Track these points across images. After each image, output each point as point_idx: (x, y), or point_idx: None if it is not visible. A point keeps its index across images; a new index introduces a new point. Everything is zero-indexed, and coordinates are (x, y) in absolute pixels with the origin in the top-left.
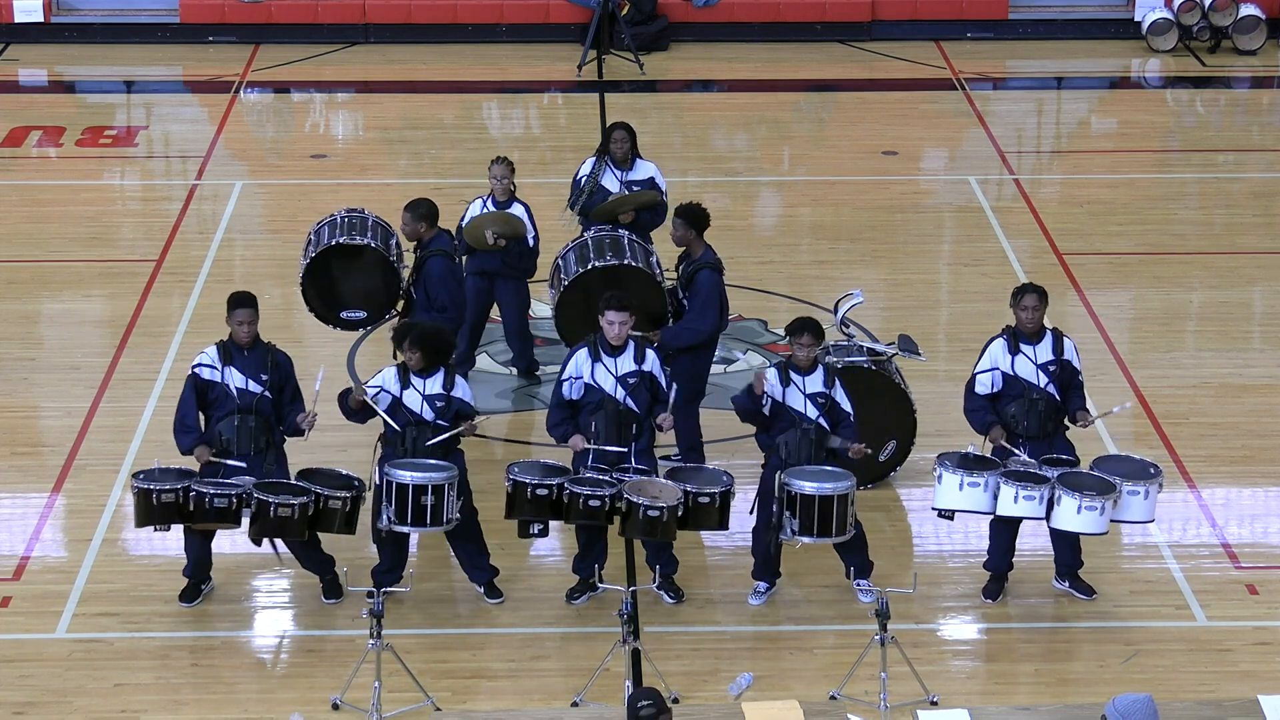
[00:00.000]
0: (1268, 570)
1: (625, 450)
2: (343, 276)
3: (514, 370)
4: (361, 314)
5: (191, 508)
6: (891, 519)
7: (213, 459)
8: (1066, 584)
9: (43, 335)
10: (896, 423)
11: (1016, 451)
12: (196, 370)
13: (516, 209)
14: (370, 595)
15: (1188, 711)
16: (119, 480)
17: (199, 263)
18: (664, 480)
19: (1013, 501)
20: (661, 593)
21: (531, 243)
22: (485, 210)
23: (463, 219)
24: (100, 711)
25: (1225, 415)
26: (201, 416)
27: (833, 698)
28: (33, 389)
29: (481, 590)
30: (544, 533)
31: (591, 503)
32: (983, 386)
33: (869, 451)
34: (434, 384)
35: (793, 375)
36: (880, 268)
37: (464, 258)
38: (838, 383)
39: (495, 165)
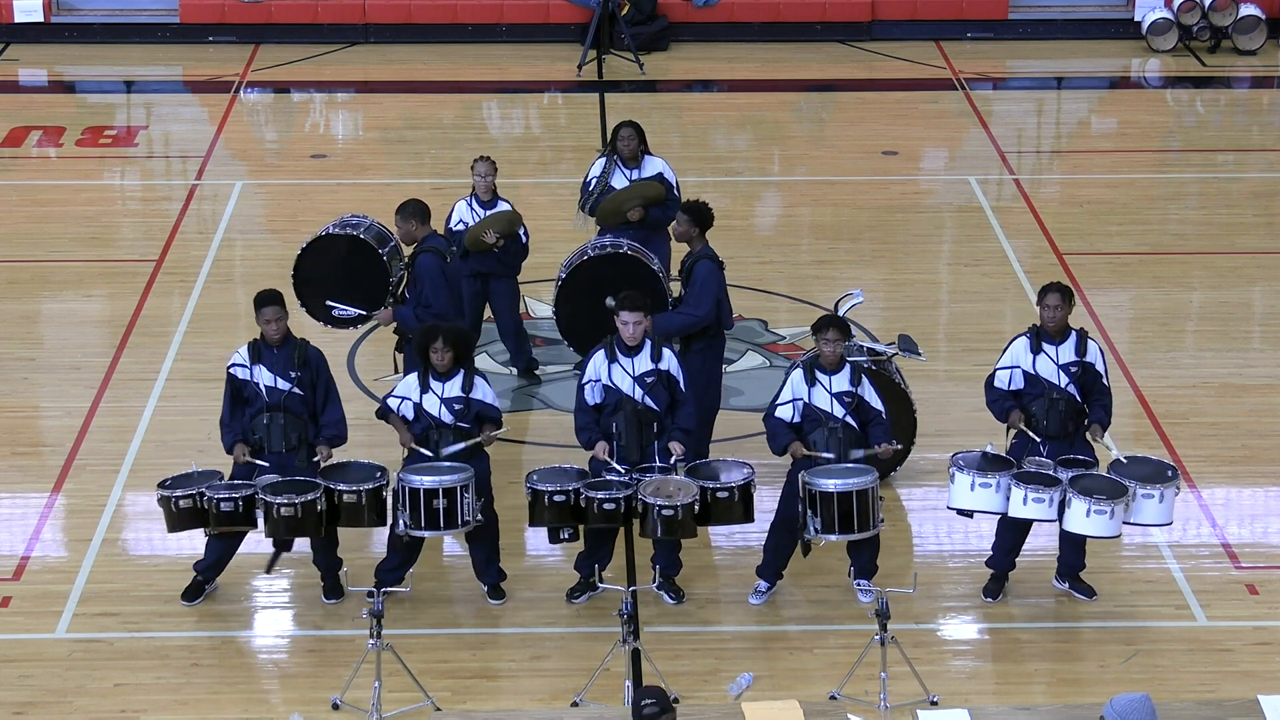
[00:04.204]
0: (1268, 570)
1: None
2: (334, 272)
3: (514, 370)
4: (350, 311)
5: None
6: (891, 519)
7: (248, 459)
8: (1066, 584)
9: (43, 335)
10: (897, 423)
11: (1034, 437)
12: (231, 370)
13: (503, 206)
14: (370, 595)
15: (1188, 711)
16: (119, 480)
17: (199, 263)
18: (681, 478)
19: (1022, 504)
20: (662, 593)
21: (524, 239)
22: (472, 209)
23: (448, 219)
24: (100, 711)
25: (1225, 415)
26: None
27: (833, 698)
28: (33, 389)
29: (485, 591)
30: (574, 537)
31: (607, 506)
32: (1001, 382)
33: (899, 448)
34: (453, 387)
35: (818, 374)
36: (880, 268)
37: (452, 258)
38: (865, 380)
39: (479, 163)
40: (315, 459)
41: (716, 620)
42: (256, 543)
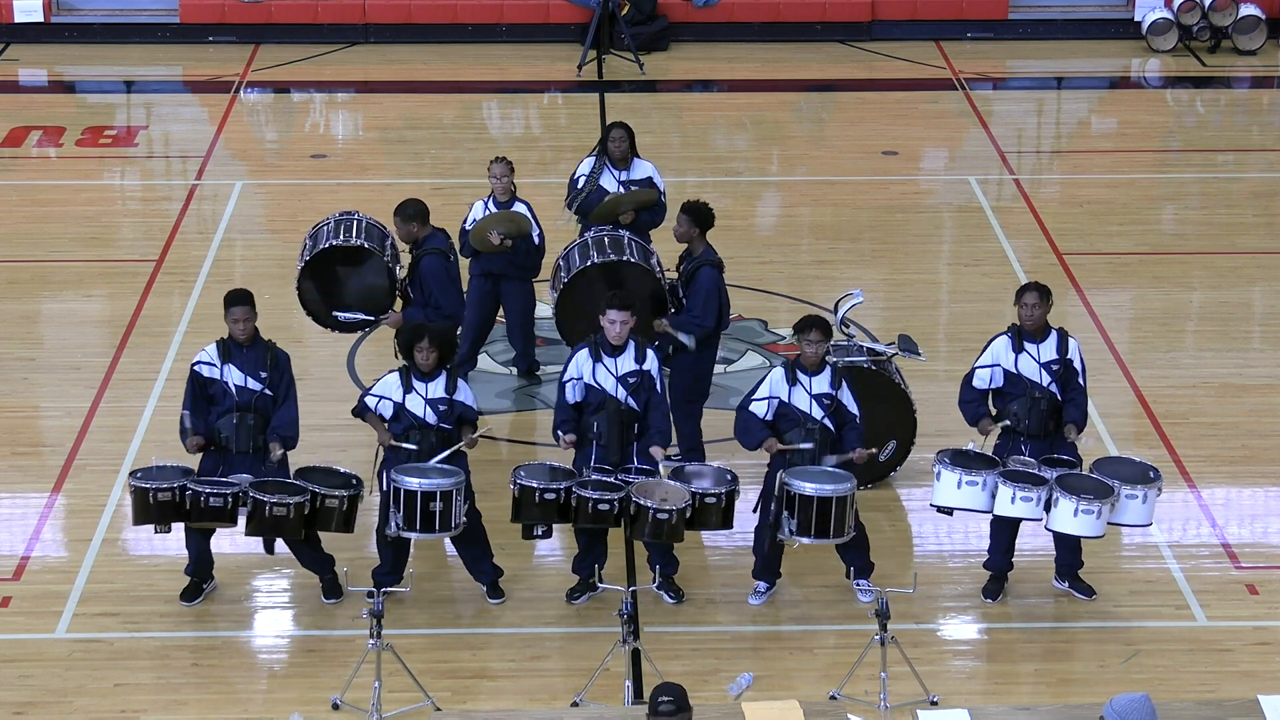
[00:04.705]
0: (1268, 570)
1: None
2: (338, 279)
3: (514, 370)
4: (358, 316)
5: (188, 507)
6: (891, 519)
7: (210, 449)
8: (1066, 584)
9: (43, 335)
10: (896, 423)
11: (1017, 441)
12: (196, 368)
13: (519, 208)
14: (370, 595)
15: (1188, 711)
16: (119, 480)
17: (199, 263)
18: (670, 481)
19: (1009, 502)
20: (661, 593)
21: (537, 240)
22: (488, 210)
23: (465, 220)
24: (100, 711)
25: (1225, 415)
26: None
27: (833, 698)
28: (33, 389)
29: (485, 590)
30: (547, 534)
31: (600, 506)
32: (980, 381)
33: (874, 452)
34: (436, 387)
35: (799, 375)
36: (880, 268)
37: (467, 259)
38: (845, 384)
39: (495, 164)
40: (270, 457)
41: (716, 620)
42: (254, 544)
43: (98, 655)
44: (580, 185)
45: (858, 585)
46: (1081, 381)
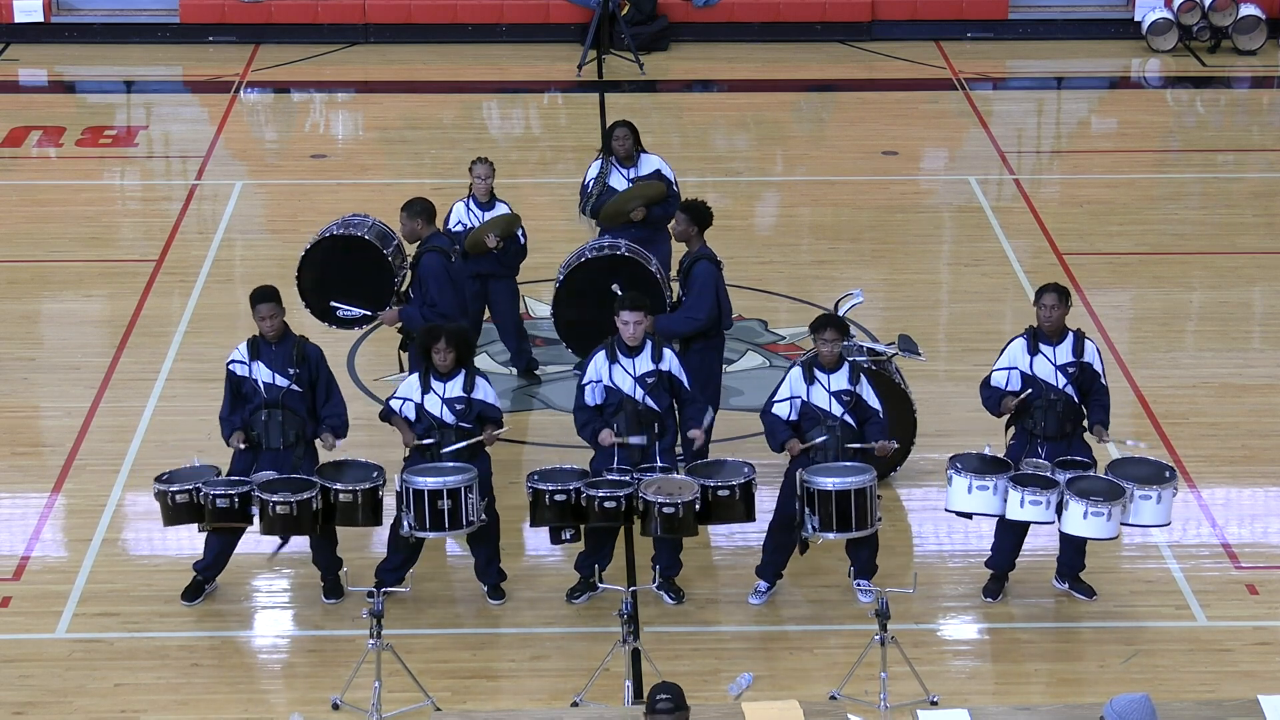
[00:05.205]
0: (1268, 570)
1: (644, 443)
2: (338, 273)
3: (514, 370)
4: (354, 312)
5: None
6: (892, 519)
7: (243, 446)
8: (1066, 584)
9: (43, 335)
10: (897, 423)
11: (1034, 443)
12: (230, 367)
13: (501, 208)
14: (370, 595)
15: (1188, 711)
16: (119, 480)
17: (199, 263)
18: (681, 476)
19: (1020, 506)
20: (662, 593)
21: (522, 239)
22: (469, 210)
23: (446, 221)
24: (100, 711)
25: (1225, 415)
26: None
27: (833, 698)
28: (33, 389)
29: (485, 591)
30: (576, 538)
31: (608, 504)
32: (997, 381)
33: (896, 446)
34: (454, 387)
35: (817, 373)
36: (880, 268)
37: (455, 258)
38: (864, 380)
39: (478, 165)
40: (324, 447)
41: (716, 620)
42: (255, 542)
43: (98, 655)
44: (590, 189)
45: (858, 585)
46: (1104, 382)
